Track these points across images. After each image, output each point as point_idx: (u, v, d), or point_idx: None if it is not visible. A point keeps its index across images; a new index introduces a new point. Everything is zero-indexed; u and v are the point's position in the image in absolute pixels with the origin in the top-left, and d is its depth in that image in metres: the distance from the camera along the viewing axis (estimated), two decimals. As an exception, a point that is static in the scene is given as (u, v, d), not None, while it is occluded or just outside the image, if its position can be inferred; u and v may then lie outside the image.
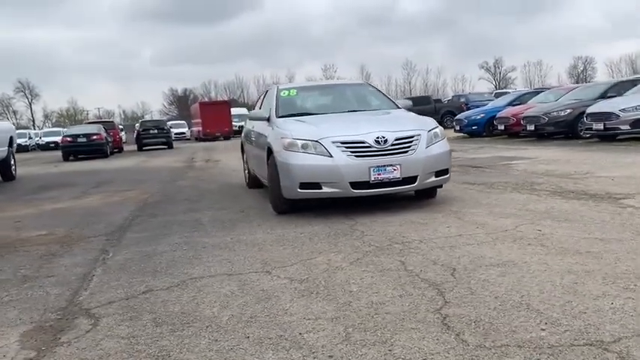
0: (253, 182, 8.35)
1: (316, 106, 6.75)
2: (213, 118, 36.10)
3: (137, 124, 36.89)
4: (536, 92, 19.63)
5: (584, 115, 13.04)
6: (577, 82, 59.40)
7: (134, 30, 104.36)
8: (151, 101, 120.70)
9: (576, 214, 4.82)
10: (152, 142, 27.63)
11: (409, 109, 6.93)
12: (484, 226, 4.61)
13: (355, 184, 5.28)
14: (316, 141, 5.39)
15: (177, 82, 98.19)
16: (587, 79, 69.06)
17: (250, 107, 55.75)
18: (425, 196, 6.12)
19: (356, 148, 5.31)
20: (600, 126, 12.43)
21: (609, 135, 12.59)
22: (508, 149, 12.16)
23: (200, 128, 37.64)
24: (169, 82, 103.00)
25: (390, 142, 5.35)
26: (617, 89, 14.60)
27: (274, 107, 6.56)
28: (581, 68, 77.40)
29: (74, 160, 22.01)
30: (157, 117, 63.10)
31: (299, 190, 5.42)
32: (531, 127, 14.84)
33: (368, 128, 5.51)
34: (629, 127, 11.99)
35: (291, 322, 2.81)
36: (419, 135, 5.52)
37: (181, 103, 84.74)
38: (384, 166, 5.28)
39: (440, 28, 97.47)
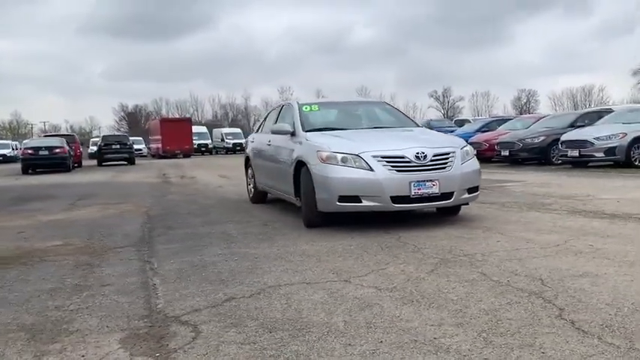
0: (258, 197, 8.28)
1: (340, 122, 6.78)
2: (174, 135, 35.55)
3: (96, 139, 35.90)
4: (504, 120, 20.37)
5: (560, 142, 13.61)
6: (520, 113, 61.98)
7: (84, 43, 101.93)
8: (100, 116, 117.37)
9: (613, 231, 5.02)
10: (114, 158, 26.88)
11: None
12: (533, 241, 4.72)
13: (396, 199, 5.32)
14: (356, 155, 5.42)
15: (127, 98, 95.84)
16: (530, 110, 72.08)
17: (210, 125, 55.30)
18: (448, 213, 6.21)
19: (397, 162, 5.37)
20: (575, 153, 13.01)
21: (582, 162, 13.19)
22: (491, 173, 12.51)
23: (159, 145, 36.94)
24: (119, 98, 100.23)
25: (429, 157, 5.44)
26: (585, 119, 15.39)
27: (299, 122, 6.55)
28: (525, 100, 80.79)
29: (33, 174, 21.12)
30: (105, 132, 61.59)
31: (338, 203, 5.41)
32: (506, 153, 15.35)
33: (406, 144, 5.58)
34: (602, 155, 12.60)
35: (414, 327, 2.80)
36: (454, 152, 5.63)
37: (132, 119, 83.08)
38: (424, 181, 5.36)
39: (391, 56, 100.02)
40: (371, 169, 5.33)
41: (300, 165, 5.99)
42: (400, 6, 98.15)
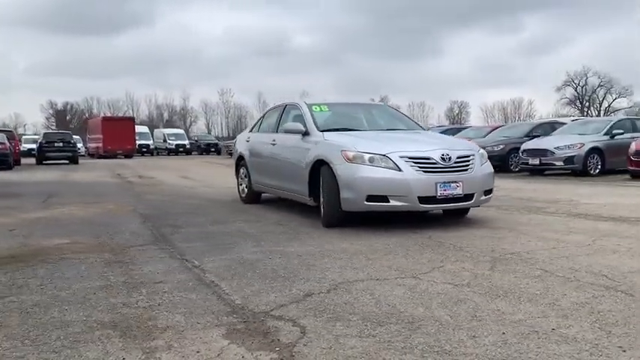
0: (252, 197, 8.18)
1: (351, 123, 6.82)
2: (116, 134, 34.36)
3: (29, 136, 34.09)
4: (458, 129, 21.08)
5: (520, 150, 14.23)
6: (452, 124, 64.43)
7: (7, 36, 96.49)
8: (26, 113, 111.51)
9: (628, 232, 5.31)
10: (56, 157, 25.63)
11: None
12: (563, 240, 4.94)
13: (423, 199, 5.42)
14: (384, 155, 5.48)
15: (56, 95, 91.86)
16: (462, 121, 74.81)
17: (151, 125, 53.57)
18: (456, 215, 6.36)
19: (423, 163, 5.47)
20: (536, 161, 13.64)
21: (540, 169, 13.86)
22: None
23: (100, 144, 35.59)
24: (47, 95, 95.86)
25: (453, 159, 5.58)
26: (538, 129, 16.19)
27: (311, 121, 6.54)
28: (457, 111, 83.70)
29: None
30: (31, 130, 58.69)
31: (366, 202, 5.44)
32: (467, 160, 15.85)
33: (429, 146, 5.70)
34: (562, 164, 13.29)
35: (523, 320, 2.87)
36: (474, 154, 5.80)
37: (61, 117, 79.55)
38: (449, 182, 5.48)
39: (330, 64, 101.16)
40: (399, 170, 5.40)
41: (319, 164, 5.97)
42: (337, 15, 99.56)
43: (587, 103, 70.01)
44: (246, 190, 8.35)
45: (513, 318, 2.90)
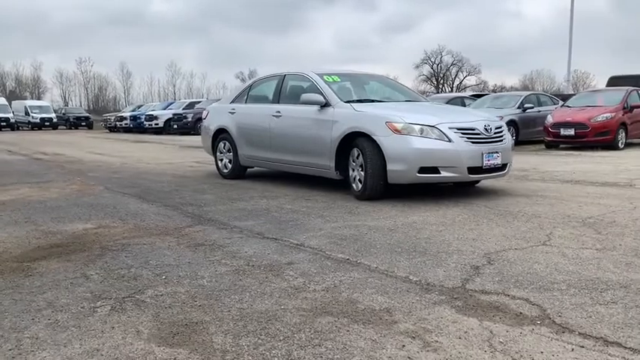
0: (238, 173, 7.81)
1: (366, 94, 6.71)
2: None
3: None
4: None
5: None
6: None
7: None
8: None
9: (631, 196, 5.86)
10: None
11: None
12: (611, 205, 5.34)
13: (471, 169, 5.53)
14: (433, 126, 5.49)
15: None
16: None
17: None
18: (463, 187, 6.55)
19: (471, 134, 5.57)
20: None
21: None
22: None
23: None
24: None
25: (493, 130, 5.75)
26: (453, 104, 17.08)
27: (331, 92, 6.33)
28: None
29: None
30: None
31: (418, 174, 5.43)
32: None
33: (470, 117, 5.83)
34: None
35: None
36: (504, 126, 6.02)
37: None
38: (492, 152, 5.66)
39: (194, 33, 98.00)
40: (449, 141, 5.45)
41: (352, 137, 5.83)
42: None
43: (442, 80, 75.19)
44: (229, 164, 7.90)
45: (702, 276, 3.10)
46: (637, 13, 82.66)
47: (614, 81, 18.28)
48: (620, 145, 12.61)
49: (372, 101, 6.36)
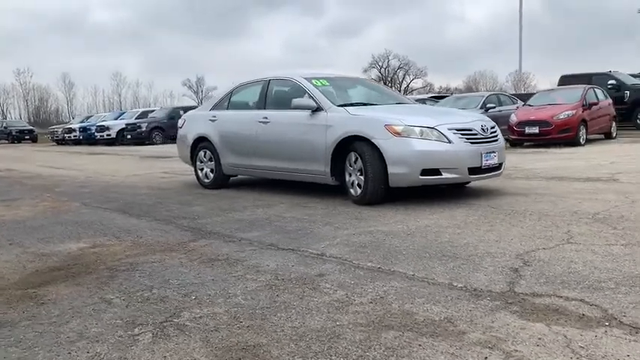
0: (221, 182, 7.58)
1: (356, 97, 6.62)
2: None
3: None
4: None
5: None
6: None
7: None
8: None
9: (623, 190, 6.00)
10: None
11: None
12: (608, 200, 5.42)
13: (471, 170, 5.52)
14: (433, 128, 5.44)
15: None
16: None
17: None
18: (457, 187, 6.55)
19: (469, 134, 5.55)
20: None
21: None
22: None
23: None
24: None
25: (488, 130, 5.76)
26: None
27: (322, 96, 6.21)
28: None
29: None
30: None
31: (420, 177, 5.37)
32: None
33: (466, 118, 5.82)
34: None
35: None
36: (496, 125, 6.05)
37: None
38: (489, 152, 5.66)
39: (138, 41, 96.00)
40: (449, 142, 5.41)
41: (349, 141, 5.73)
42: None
43: (390, 84, 76.35)
44: (210, 174, 7.64)
45: None
46: (566, 14, 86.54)
47: (566, 79, 18.88)
48: (581, 141, 13.00)
49: (365, 104, 6.26)
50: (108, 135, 27.43)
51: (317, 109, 6.10)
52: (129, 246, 4.49)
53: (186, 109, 27.54)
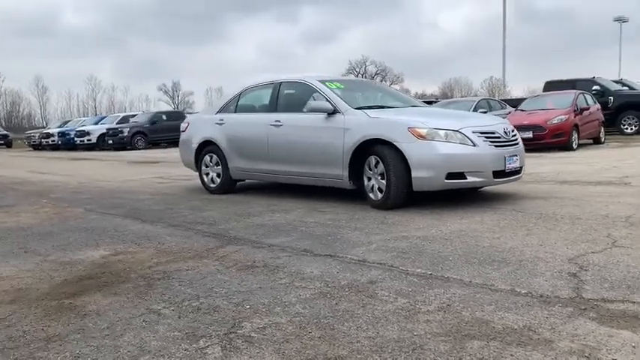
0: (228, 187, 7.41)
1: (371, 101, 6.52)
2: None
3: None
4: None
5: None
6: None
7: None
8: None
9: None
10: None
11: None
12: (630, 203, 5.40)
13: (495, 173, 5.45)
14: (457, 130, 5.37)
15: None
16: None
17: None
18: (470, 191, 6.48)
19: (493, 138, 5.49)
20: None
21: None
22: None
23: None
24: None
25: (510, 133, 5.71)
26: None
27: (339, 99, 6.09)
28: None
29: None
30: None
31: (446, 180, 5.28)
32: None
33: (490, 121, 5.78)
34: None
35: None
36: (515, 129, 6.01)
37: None
38: (512, 155, 5.61)
39: (110, 46, 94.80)
40: (474, 145, 5.34)
41: (369, 144, 5.62)
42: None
43: (368, 89, 76.62)
44: (217, 179, 7.46)
45: None
46: (535, 22, 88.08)
47: (551, 85, 19.10)
48: (573, 146, 13.12)
49: (381, 107, 6.16)
50: (88, 140, 26.88)
51: (333, 112, 5.97)
52: (154, 253, 4.30)
53: (169, 114, 27.26)
